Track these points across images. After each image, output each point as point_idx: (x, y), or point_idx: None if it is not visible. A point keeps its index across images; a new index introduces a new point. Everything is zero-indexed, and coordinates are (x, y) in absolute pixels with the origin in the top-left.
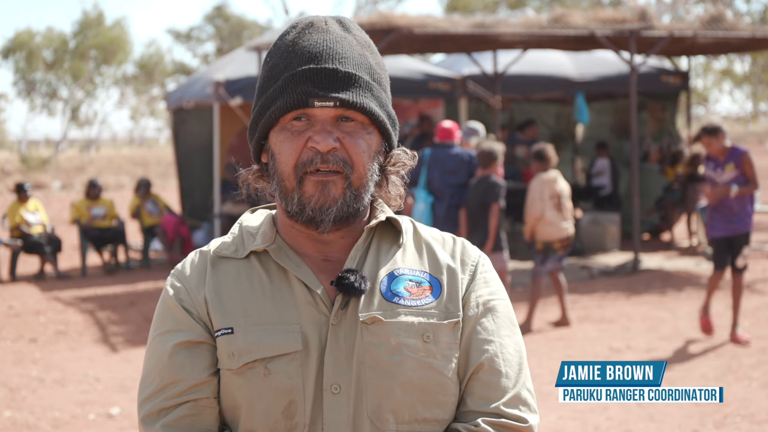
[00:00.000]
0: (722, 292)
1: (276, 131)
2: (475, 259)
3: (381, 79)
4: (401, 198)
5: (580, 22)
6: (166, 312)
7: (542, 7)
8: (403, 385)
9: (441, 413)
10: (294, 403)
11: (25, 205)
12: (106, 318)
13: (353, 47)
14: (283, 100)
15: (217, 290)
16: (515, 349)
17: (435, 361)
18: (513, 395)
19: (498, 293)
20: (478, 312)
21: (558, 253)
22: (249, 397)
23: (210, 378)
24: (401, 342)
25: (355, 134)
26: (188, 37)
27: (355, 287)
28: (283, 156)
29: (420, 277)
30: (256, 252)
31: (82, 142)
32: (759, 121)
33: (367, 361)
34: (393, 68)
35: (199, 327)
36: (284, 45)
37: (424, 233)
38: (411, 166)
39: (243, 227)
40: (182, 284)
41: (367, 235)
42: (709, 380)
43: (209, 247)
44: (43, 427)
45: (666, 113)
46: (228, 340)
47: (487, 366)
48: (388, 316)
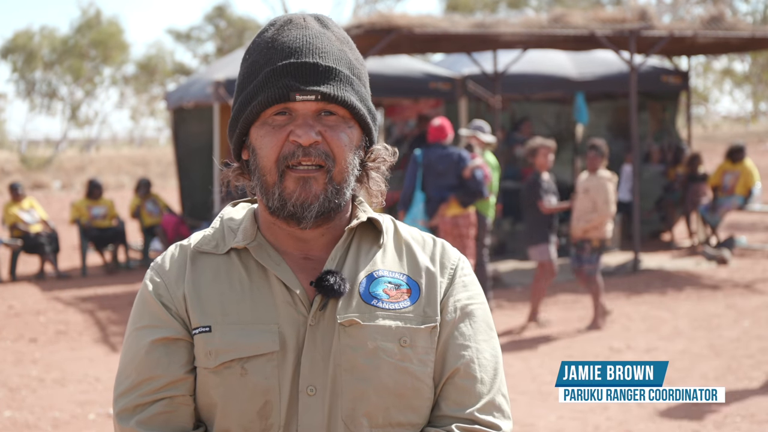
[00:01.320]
0: (722, 292)
1: (257, 126)
2: (454, 263)
3: (361, 75)
4: (383, 195)
5: (580, 22)
6: (145, 307)
7: (542, 7)
8: (378, 389)
9: (415, 417)
10: (269, 404)
11: (19, 204)
12: (106, 318)
13: (332, 42)
14: (264, 94)
15: (197, 287)
16: (491, 354)
17: (411, 366)
18: (487, 401)
19: (476, 297)
20: (455, 317)
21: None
22: (225, 396)
23: (186, 375)
24: (378, 346)
25: (336, 128)
26: (188, 37)
27: (335, 289)
28: (264, 150)
29: (399, 279)
30: (237, 249)
31: (82, 142)
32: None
33: (344, 363)
34: (393, 68)
35: (176, 324)
36: (263, 42)
37: (405, 234)
38: (391, 162)
39: (224, 222)
40: (161, 279)
41: (348, 236)
42: (709, 380)
43: (189, 241)
44: (43, 427)
45: (666, 113)
46: (206, 338)
47: (462, 371)
48: (365, 318)
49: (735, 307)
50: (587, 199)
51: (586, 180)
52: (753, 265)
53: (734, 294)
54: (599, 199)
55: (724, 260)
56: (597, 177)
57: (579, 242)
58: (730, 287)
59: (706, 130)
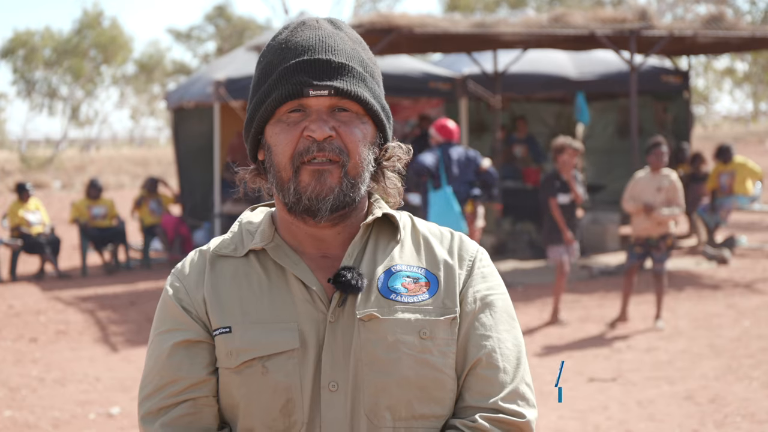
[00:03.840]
0: (722, 292)
1: (272, 124)
2: (472, 254)
3: (374, 73)
4: (400, 194)
5: (580, 21)
6: (166, 311)
7: (542, 7)
8: (399, 382)
9: (438, 409)
10: (292, 401)
11: (25, 205)
12: (107, 318)
13: (345, 42)
14: (278, 92)
15: (216, 289)
16: (513, 344)
17: (432, 358)
18: (511, 390)
19: (496, 288)
20: (475, 307)
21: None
22: (247, 395)
23: (209, 377)
24: (398, 339)
25: (350, 123)
26: (188, 36)
27: (352, 285)
28: (279, 147)
29: (417, 273)
30: (255, 250)
31: (82, 142)
32: (759, 120)
33: (364, 358)
34: (393, 68)
35: (197, 326)
36: (277, 43)
37: (422, 228)
38: (406, 160)
39: (243, 225)
40: (181, 284)
41: (364, 232)
42: (709, 380)
43: (209, 246)
44: (43, 426)
45: (668, 113)
46: (226, 338)
47: (485, 361)
48: (384, 313)
49: (735, 307)
50: (660, 197)
51: (653, 179)
52: (753, 264)
53: (734, 294)
54: (676, 196)
55: (724, 260)
56: (666, 175)
57: (653, 240)
58: (730, 287)
59: (706, 129)
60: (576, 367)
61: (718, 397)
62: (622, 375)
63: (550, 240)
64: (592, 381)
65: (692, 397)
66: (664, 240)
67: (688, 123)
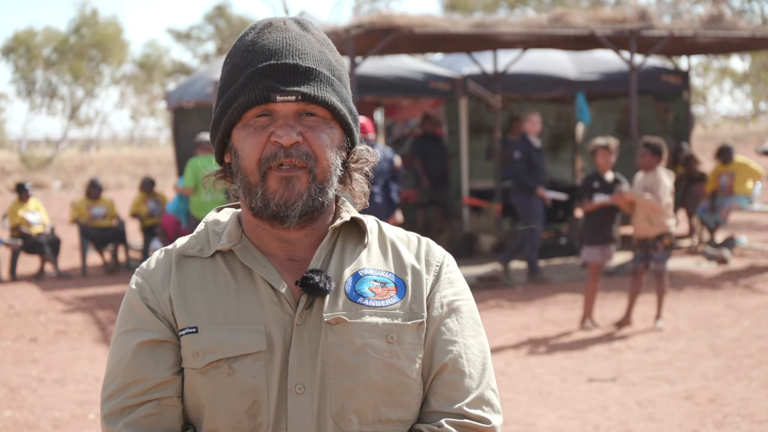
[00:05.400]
0: (722, 292)
1: (238, 128)
2: (440, 260)
3: (341, 76)
4: (366, 195)
5: (580, 21)
6: (131, 310)
7: (542, 7)
8: (366, 386)
9: (404, 414)
10: (258, 403)
11: (25, 205)
12: (106, 318)
13: (312, 44)
14: (245, 96)
15: (182, 289)
16: (479, 350)
17: (399, 362)
18: (476, 396)
19: (462, 293)
20: (442, 312)
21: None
22: (213, 396)
23: (173, 377)
24: (365, 343)
25: (317, 128)
26: (188, 36)
27: (320, 287)
28: (246, 152)
29: (385, 277)
30: (222, 251)
31: (82, 142)
32: (759, 120)
33: (331, 361)
34: (393, 68)
35: (163, 326)
36: (244, 45)
37: (389, 233)
38: (373, 163)
39: (209, 226)
40: (147, 282)
41: (332, 235)
42: (709, 380)
43: (175, 245)
44: (43, 426)
45: (669, 113)
46: (192, 339)
47: (450, 366)
48: (352, 316)
49: (735, 307)
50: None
51: (644, 179)
52: (753, 265)
53: (734, 294)
54: (657, 189)
55: (724, 260)
56: (654, 174)
57: (650, 241)
58: (730, 287)
59: (706, 129)
60: (576, 367)
61: (718, 397)
62: (622, 375)
63: (588, 241)
64: (592, 381)
65: (692, 397)
66: (661, 240)
67: (688, 123)
